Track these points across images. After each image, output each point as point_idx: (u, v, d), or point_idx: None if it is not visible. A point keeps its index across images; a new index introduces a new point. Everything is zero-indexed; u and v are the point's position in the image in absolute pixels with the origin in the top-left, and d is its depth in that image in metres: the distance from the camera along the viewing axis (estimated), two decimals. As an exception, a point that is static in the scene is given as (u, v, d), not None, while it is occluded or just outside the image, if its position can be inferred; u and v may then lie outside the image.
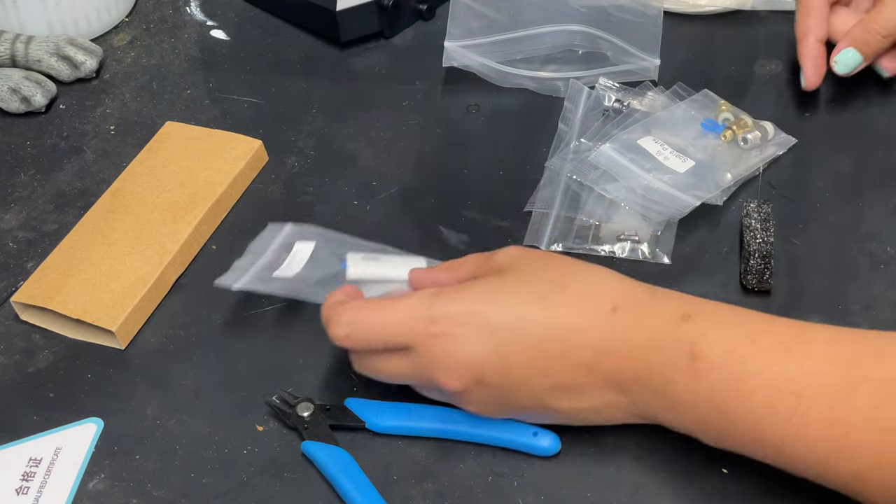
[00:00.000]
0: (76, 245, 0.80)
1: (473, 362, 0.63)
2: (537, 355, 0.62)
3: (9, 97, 0.93)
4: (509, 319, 0.63)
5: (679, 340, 0.61)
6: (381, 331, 0.65)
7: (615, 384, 0.63)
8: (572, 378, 0.63)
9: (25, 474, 0.69)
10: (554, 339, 0.62)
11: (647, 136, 0.83)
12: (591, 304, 0.63)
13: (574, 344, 0.62)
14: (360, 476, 0.66)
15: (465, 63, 0.91)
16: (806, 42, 0.83)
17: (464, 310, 0.63)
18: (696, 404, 0.61)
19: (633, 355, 0.62)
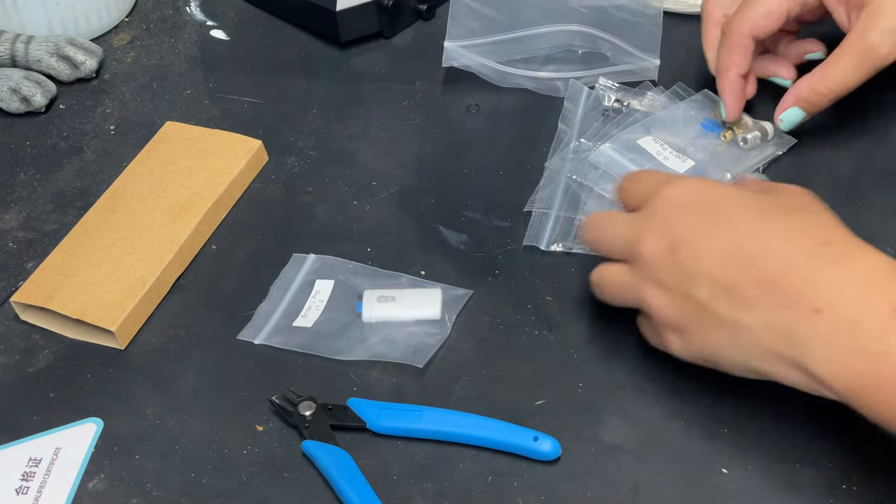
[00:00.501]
0: (76, 245, 0.80)
1: (678, 227, 0.65)
2: (732, 248, 0.63)
3: (9, 97, 0.93)
4: (730, 210, 0.64)
5: (885, 293, 0.58)
6: (636, 179, 0.71)
7: (789, 306, 0.60)
8: (748, 285, 0.62)
9: (25, 474, 0.69)
10: (755, 239, 0.62)
11: (647, 136, 0.83)
12: (807, 230, 0.62)
13: (770, 251, 0.62)
14: (358, 476, 0.66)
15: (464, 63, 0.91)
16: (728, 76, 0.82)
17: (702, 186, 0.66)
18: (883, 354, 0.57)
19: (825, 285, 0.60)
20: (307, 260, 0.79)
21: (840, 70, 0.79)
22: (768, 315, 0.61)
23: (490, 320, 0.75)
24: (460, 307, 0.75)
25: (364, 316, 0.75)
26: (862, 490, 0.64)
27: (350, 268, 0.79)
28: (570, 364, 0.72)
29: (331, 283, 0.78)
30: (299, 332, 0.75)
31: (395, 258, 0.79)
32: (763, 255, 0.62)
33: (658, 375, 0.70)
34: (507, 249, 0.79)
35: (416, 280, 0.77)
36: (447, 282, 0.77)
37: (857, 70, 0.78)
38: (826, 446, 0.66)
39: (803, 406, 0.66)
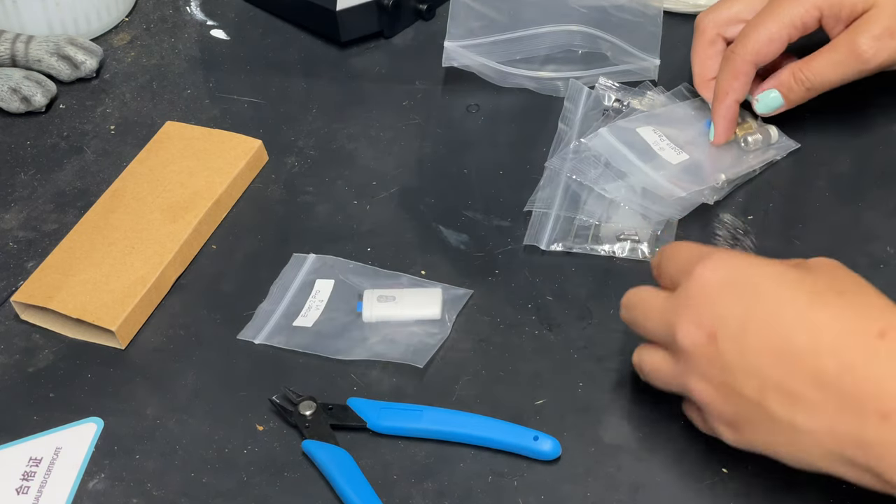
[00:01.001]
0: (76, 245, 0.80)
1: (715, 316, 0.60)
2: (778, 342, 0.58)
3: (9, 97, 0.93)
4: (770, 298, 0.59)
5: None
6: (668, 257, 0.66)
7: (853, 410, 0.56)
8: (802, 384, 0.57)
9: (25, 474, 0.69)
10: (804, 332, 0.57)
11: (647, 126, 0.84)
12: (859, 319, 0.57)
13: (822, 347, 0.57)
14: (358, 476, 0.66)
15: (464, 63, 0.91)
16: (724, 102, 0.81)
17: (737, 267, 0.61)
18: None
19: (890, 384, 0.55)
20: (307, 260, 0.79)
21: (823, 63, 0.79)
22: (830, 419, 0.57)
23: (490, 320, 0.75)
24: (460, 307, 0.75)
25: (364, 316, 0.75)
26: (862, 490, 0.64)
27: (350, 268, 0.79)
28: (570, 364, 0.72)
29: (331, 282, 0.78)
30: (299, 332, 0.75)
31: (395, 258, 0.79)
32: (815, 350, 0.57)
33: (658, 375, 0.70)
34: (507, 249, 0.79)
35: (416, 280, 0.77)
36: (447, 282, 0.77)
37: (839, 67, 0.79)
38: (826, 446, 0.66)
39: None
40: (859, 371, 0.56)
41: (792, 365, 0.58)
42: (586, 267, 0.77)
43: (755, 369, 0.59)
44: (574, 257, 0.78)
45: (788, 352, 0.58)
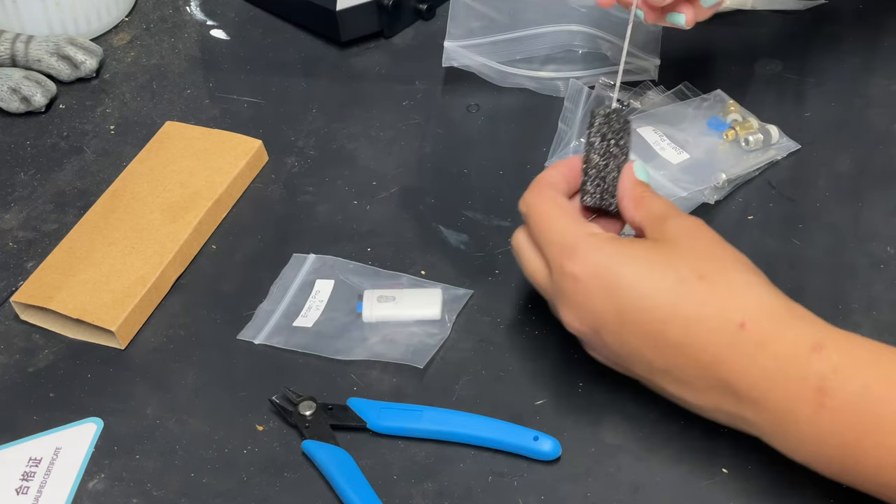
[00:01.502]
0: (76, 245, 0.80)
1: (593, 313, 0.64)
2: (654, 335, 0.62)
3: (9, 97, 0.93)
4: (638, 291, 0.63)
5: (807, 372, 0.59)
6: (538, 232, 0.67)
7: (730, 394, 0.61)
8: (686, 371, 0.62)
9: (25, 474, 0.69)
10: (676, 327, 0.62)
11: (647, 126, 0.84)
12: (722, 309, 0.61)
13: (694, 341, 0.61)
14: (358, 476, 0.66)
15: (464, 63, 0.91)
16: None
17: (602, 263, 0.64)
18: (819, 438, 0.59)
19: (754, 376, 0.60)
20: (307, 260, 0.79)
21: None
22: (715, 400, 0.62)
23: (490, 320, 0.75)
24: (460, 307, 0.75)
25: (364, 316, 0.75)
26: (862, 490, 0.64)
27: (350, 268, 0.79)
28: (570, 364, 0.72)
29: (331, 283, 0.78)
30: (299, 332, 0.75)
31: (395, 258, 0.79)
32: (689, 343, 0.62)
33: (658, 375, 0.70)
34: (507, 249, 0.79)
35: (416, 280, 0.77)
36: (447, 282, 0.77)
37: None
38: (826, 446, 0.66)
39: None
40: (729, 363, 0.61)
41: (673, 356, 0.63)
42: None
43: (640, 356, 0.64)
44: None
45: (666, 344, 0.62)
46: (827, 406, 0.58)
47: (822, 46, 0.92)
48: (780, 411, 0.60)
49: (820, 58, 0.91)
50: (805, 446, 0.60)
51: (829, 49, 0.92)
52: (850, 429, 0.58)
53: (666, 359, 0.63)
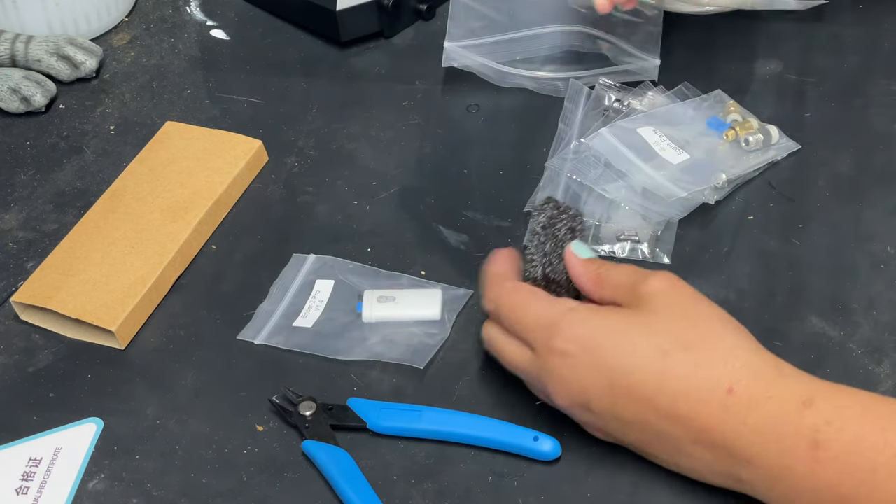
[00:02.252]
0: (76, 245, 0.80)
1: (582, 388, 0.64)
2: (646, 408, 0.62)
3: (9, 97, 0.93)
4: (625, 366, 0.63)
5: (799, 427, 0.59)
6: (514, 321, 0.67)
7: (724, 456, 0.61)
8: (678, 439, 0.62)
9: (25, 474, 0.69)
10: (665, 398, 0.62)
11: (647, 127, 0.84)
12: (708, 379, 0.61)
13: (684, 412, 0.62)
14: (358, 476, 0.66)
15: (464, 63, 0.91)
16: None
17: (588, 337, 0.64)
18: (816, 491, 0.59)
19: (747, 436, 0.60)
20: (307, 260, 0.79)
21: None
22: (709, 464, 0.62)
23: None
24: (460, 307, 0.75)
25: (364, 316, 0.75)
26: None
27: (350, 268, 0.79)
28: (571, 364, 0.72)
29: (331, 283, 0.78)
30: (299, 332, 0.75)
31: (395, 258, 0.79)
32: (678, 414, 0.62)
33: (658, 375, 0.70)
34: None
35: (416, 280, 0.77)
36: (447, 282, 0.77)
37: None
38: (826, 446, 0.66)
39: (803, 406, 0.66)
40: (720, 428, 0.61)
41: (664, 426, 0.62)
42: (586, 267, 0.77)
43: (631, 427, 0.64)
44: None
45: (657, 416, 0.62)
46: (821, 459, 0.58)
47: (822, 46, 0.92)
48: (776, 468, 0.60)
49: (820, 58, 0.91)
50: (802, 500, 0.60)
51: (829, 49, 0.92)
52: (845, 479, 0.58)
53: (658, 427, 0.63)
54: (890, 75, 0.89)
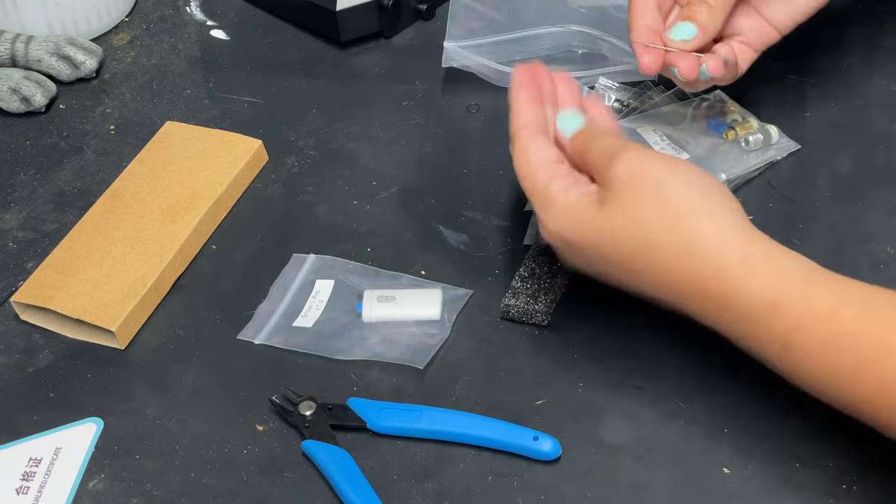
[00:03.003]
0: (76, 245, 0.80)
1: (574, 259, 0.69)
2: (631, 288, 0.67)
3: (9, 97, 0.93)
4: (602, 272, 0.68)
5: (770, 331, 0.61)
6: (518, 166, 0.69)
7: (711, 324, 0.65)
8: (654, 295, 0.66)
9: (25, 474, 0.69)
10: (642, 288, 0.66)
11: (648, 127, 0.84)
12: (679, 281, 0.64)
13: (665, 300, 0.65)
14: (358, 476, 0.66)
15: (464, 63, 0.91)
16: (634, 28, 0.79)
17: (565, 239, 0.67)
18: (798, 379, 0.62)
19: (727, 327, 0.63)
20: (307, 260, 0.79)
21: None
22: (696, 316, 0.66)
23: (490, 320, 0.75)
24: (460, 307, 0.75)
25: (364, 316, 0.75)
26: (862, 490, 0.64)
27: (350, 268, 0.79)
28: (570, 364, 0.72)
29: (331, 283, 0.78)
30: (299, 332, 0.75)
31: (395, 258, 0.79)
32: (662, 300, 0.66)
33: (658, 375, 0.70)
34: (507, 249, 0.79)
35: (416, 280, 0.77)
36: (447, 282, 0.77)
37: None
38: (826, 446, 0.66)
39: (803, 406, 0.66)
40: (701, 315, 0.64)
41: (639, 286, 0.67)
42: (586, 267, 0.77)
43: (610, 274, 0.68)
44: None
45: (641, 292, 0.67)
46: (796, 358, 0.60)
47: (822, 46, 0.92)
48: (756, 353, 0.63)
49: (820, 58, 0.91)
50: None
51: (829, 49, 0.92)
52: (824, 374, 0.60)
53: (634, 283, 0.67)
54: (890, 75, 0.89)
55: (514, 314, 0.74)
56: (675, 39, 0.77)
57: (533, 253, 0.76)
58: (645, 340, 0.72)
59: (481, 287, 0.77)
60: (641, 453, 0.67)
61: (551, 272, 0.75)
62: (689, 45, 0.77)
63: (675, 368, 0.71)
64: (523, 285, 0.74)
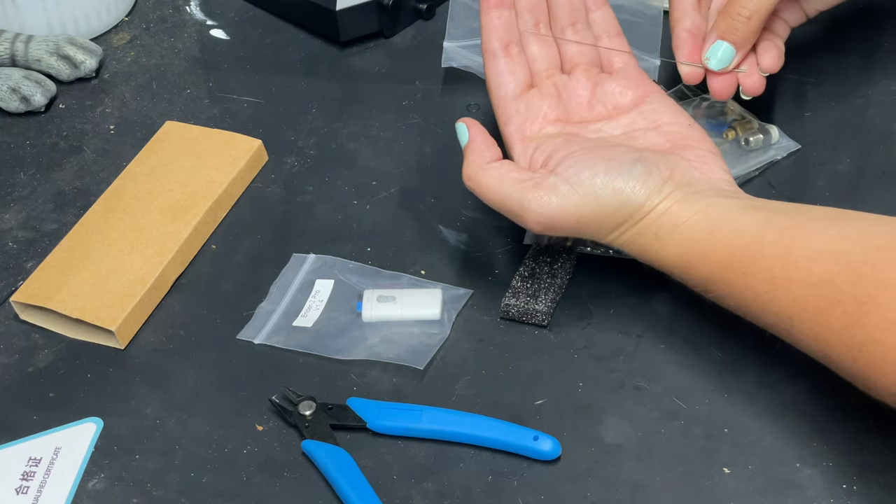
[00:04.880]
0: (76, 245, 0.80)
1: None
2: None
3: (8, 97, 0.93)
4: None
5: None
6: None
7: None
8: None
9: (25, 474, 0.69)
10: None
11: None
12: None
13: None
14: (358, 476, 0.66)
15: (464, 63, 0.91)
16: (675, 30, 0.79)
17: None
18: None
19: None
20: (307, 260, 0.79)
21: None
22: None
23: (490, 320, 0.75)
24: (460, 307, 0.75)
25: (364, 316, 0.75)
26: (862, 490, 0.64)
27: (350, 268, 0.79)
28: (570, 364, 0.72)
29: (331, 282, 0.78)
30: (299, 332, 0.75)
31: (395, 258, 0.79)
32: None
33: (658, 375, 0.70)
34: (507, 249, 0.79)
35: (416, 280, 0.77)
36: (447, 282, 0.77)
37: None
38: (826, 446, 0.66)
39: (803, 406, 0.66)
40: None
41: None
42: (586, 266, 0.77)
43: None
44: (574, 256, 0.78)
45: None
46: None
47: (822, 46, 0.92)
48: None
49: (820, 58, 0.91)
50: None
51: (829, 49, 0.92)
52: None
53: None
54: (890, 75, 0.89)
55: (514, 314, 0.74)
56: (713, 69, 0.78)
57: (533, 253, 0.76)
58: (645, 340, 0.72)
59: (481, 287, 0.77)
60: (641, 453, 0.67)
61: (551, 272, 0.75)
62: (728, 69, 0.78)
63: (675, 368, 0.71)
64: (523, 285, 0.74)
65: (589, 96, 0.75)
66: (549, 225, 0.69)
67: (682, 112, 0.74)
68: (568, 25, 0.77)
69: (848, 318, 0.59)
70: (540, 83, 0.76)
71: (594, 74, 0.76)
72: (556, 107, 0.75)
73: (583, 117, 0.75)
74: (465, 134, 0.74)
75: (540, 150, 0.72)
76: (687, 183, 0.69)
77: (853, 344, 0.59)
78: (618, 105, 0.75)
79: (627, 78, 0.76)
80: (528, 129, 0.74)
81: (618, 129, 0.74)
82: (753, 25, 0.76)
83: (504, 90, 0.75)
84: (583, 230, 0.70)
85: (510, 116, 0.75)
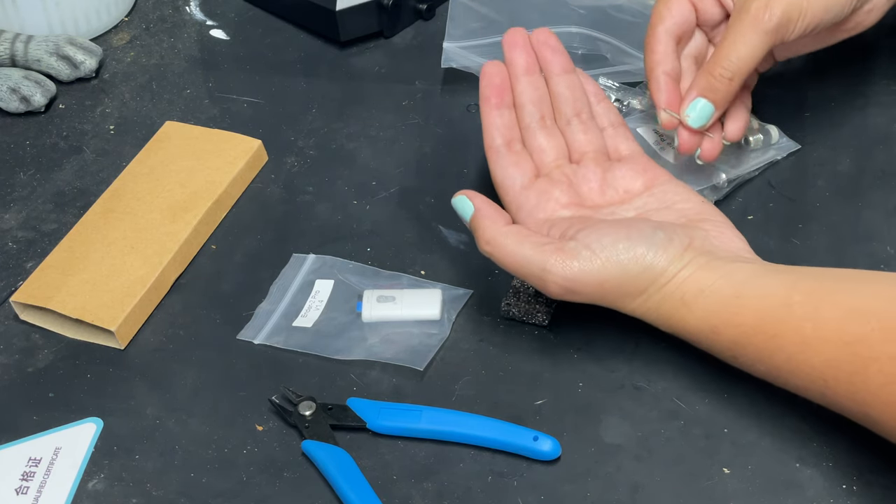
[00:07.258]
0: (76, 245, 0.80)
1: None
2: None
3: (8, 97, 0.93)
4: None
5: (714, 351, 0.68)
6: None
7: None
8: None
9: (25, 474, 0.69)
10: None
11: (648, 127, 0.84)
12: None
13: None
14: (358, 476, 0.66)
15: (464, 64, 0.91)
16: (653, 75, 0.79)
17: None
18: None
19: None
20: (307, 260, 0.79)
21: (728, 45, 0.75)
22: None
23: (490, 320, 0.75)
24: (460, 307, 0.75)
25: (364, 316, 0.75)
26: (862, 490, 0.64)
27: (350, 268, 0.79)
28: (570, 364, 0.72)
29: (331, 282, 0.78)
30: (299, 332, 0.75)
31: (395, 258, 0.79)
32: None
33: (658, 375, 0.70)
34: (506, 249, 0.79)
35: (416, 280, 0.77)
36: (447, 282, 0.77)
37: (744, 40, 0.75)
38: (826, 446, 0.66)
39: (803, 406, 0.66)
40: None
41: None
42: (586, 267, 0.77)
43: None
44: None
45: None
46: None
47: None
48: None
49: (820, 58, 0.91)
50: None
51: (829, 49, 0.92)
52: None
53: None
54: (890, 75, 0.89)
55: (514, 314, 0.74)
56: (691, 126, 0.77)
57: None
58: (645, 340, 0.72)
59: (481, 287, 0.77)
60: (641, 453, 0.67)
61: None
62: (705, 127, 0.78)
63: (675, 368, 0.71)
64: (523, 285, 0.74)
65: (600, 182, 0.75)
66: (570, 288, 0.68)
67: (692, 191, 0.74)
68: (573, 116, 0.77)
69: (885, 376, 0.59)
70: (549, 172, 0.75)
71: (603, 162, 0.76)
72: (568, 192, 0.74)
73: (595, 202, 0.74)
74: (467, 205, 0.73)
75: (556, 227, 0.71)
76: (707, 250, 0.68)
77: (894, 401, 0.59)
78: (629, 189, 0.74)
79: (636, 164, 0.75)
80: (542, 211, 0.73)
81: (631, 210, 0.73)
82: (734, 86, 0.76)
83: (511, 181, 0.75)
84: (605, 295, 0.68)
85: (521, 204, 0.74)
